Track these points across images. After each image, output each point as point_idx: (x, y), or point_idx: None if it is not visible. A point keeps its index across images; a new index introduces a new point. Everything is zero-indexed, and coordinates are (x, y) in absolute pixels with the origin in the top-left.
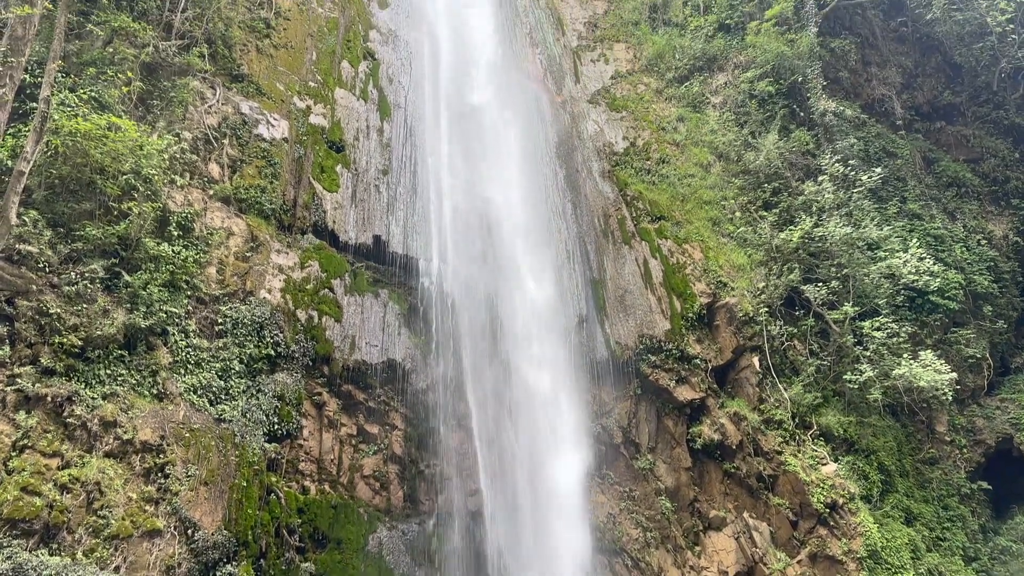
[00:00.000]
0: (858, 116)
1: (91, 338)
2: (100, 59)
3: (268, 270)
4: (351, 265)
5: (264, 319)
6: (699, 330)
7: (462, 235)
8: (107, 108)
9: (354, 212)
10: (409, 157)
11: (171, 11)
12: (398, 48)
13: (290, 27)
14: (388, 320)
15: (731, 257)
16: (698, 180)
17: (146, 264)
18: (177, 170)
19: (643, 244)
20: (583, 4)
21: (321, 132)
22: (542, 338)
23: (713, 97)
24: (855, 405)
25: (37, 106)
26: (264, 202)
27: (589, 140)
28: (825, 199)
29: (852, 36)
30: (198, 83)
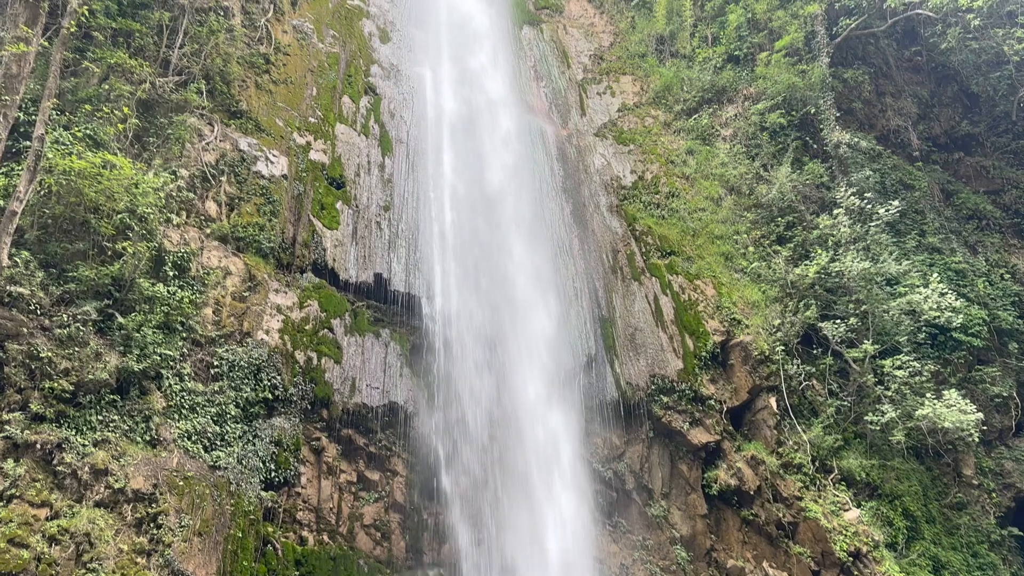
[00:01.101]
0: (873, 147)
1: (83, 383)
2: (96, 96)
3: (266, 310)
4: (351, 304)
5: (261, 361)
6: (713, 370)
7: (466, 272)
8: (102, 146)
9: (355, 250)
10: (411, 193)
11: (168, 47)
12: (400, 83)
13: (290, 62)
14: (390, 361)
15: (745, 293)
16: (709, 214)
17: (140, 305)
18: (173, 208)
19: (653, 280)
20: (588, 37)
21: (321, 168)
22: (549, 379)
23: (723, 129)
24: (877, 447)
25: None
26: (262, 240)
27: (596, 174)
28: (841, 233)
29: (865, 66)
30: (195, 120)
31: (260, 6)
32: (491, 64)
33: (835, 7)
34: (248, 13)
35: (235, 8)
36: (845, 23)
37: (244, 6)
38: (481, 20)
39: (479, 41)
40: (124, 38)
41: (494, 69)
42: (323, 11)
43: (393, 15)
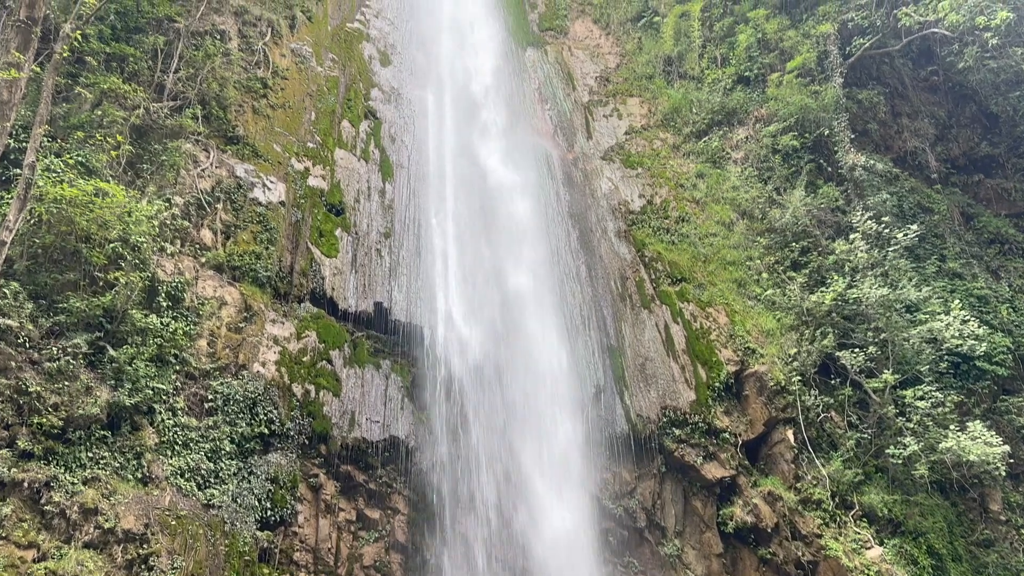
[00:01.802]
0: (890, 170)
1: (72, 418)
2: (88, 122)
3: (262, 342)
4: (351, 335)
5: (257, 395)
6: (727, 401)
7: (469, 301)
8: (94, 173)
9: (354, 278)
10: (412, 219)
11: (163, 71)
12: (401, 106)
13: (288, 87)
14: (390, 394)
15: (759, 321)
16: (721, 239)
17: (132, 337)
18: (167, 237)
19: (664, 308)
20: (594, 58)
21: (320, 195)
22: (556, 411)
23: (734, 152)
24: (900, 482)
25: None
26: (259, 269)
27: (603, 198)
28: (858, 258)
29: (880, 86)
30: (191, 146)
31: (257, 29)
32: (494, 87)
33: (848, 27)
34: (245, 36)
35: (232, 31)
36: (859, 43)
37: (241, 29)
38: (484, 42)
39: (482, 63)
40: (118, 63)
41: (497, 92)
42: (322, 34)
43: (394, 38)
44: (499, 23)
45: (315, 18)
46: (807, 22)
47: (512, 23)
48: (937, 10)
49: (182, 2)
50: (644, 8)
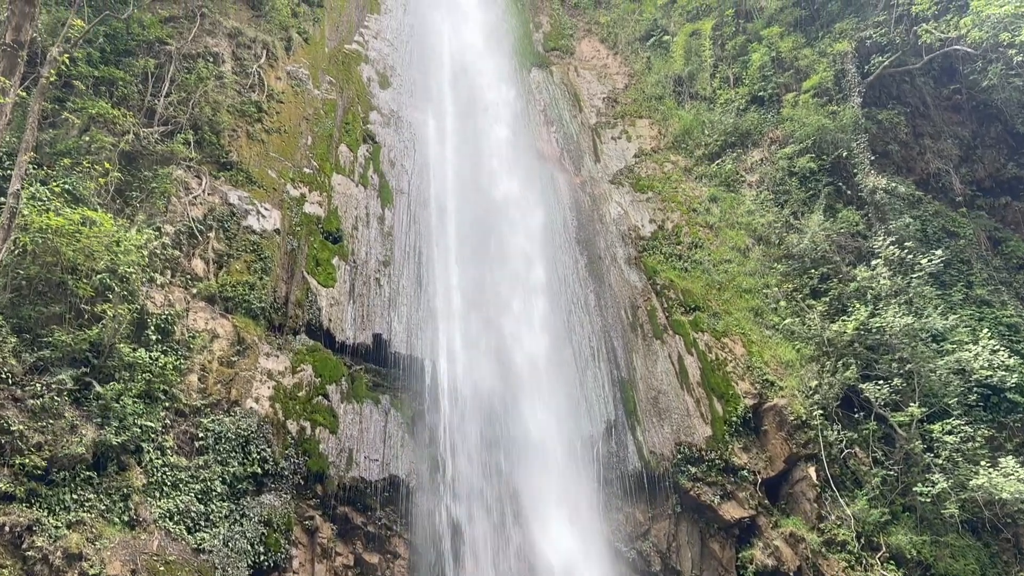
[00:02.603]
0: (912, 193)
1: (56, 458)
2: (75, 149)
3: (256, 376)
4: (349, 368)
5: (250, 432)
6: (745, 436)
7: (472, 332)
8: (82, 201)
9: (352, 309)
10: (413, 247)
11: (154, 96)
12: (401, 130)
13: (284, 110)
14: (390, 430)
15: (777, 352)
16: (736, 266)
17: (120, 373)
18: (157, 267)
19: (677, 338)
20: (601, 79)
21: (317, 222)
22: (564, 448)
23: (748, 175)
24: (929, 522)
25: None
26: (253, 300)
27: (612, 224)
28: (880, 285)
29: (901, 106)
30: (182, 172)
31: (252, 52)
32: (498, 109)
33: (866, 44)
34: (239, 59)
35: (225, 54)
36: (877, 61)
37: (235, 52)
38: (487, 63)
39: (485, 84)
40: (107, 87)
41: (501, 114)
42: (319, 56)
43: (393, 59)
44: (502, 43)
45: (312, 40)
46: (823, 40)
47: (516, 43)
48: (959, 26)
49: (174, 24)
50: (653, 27)
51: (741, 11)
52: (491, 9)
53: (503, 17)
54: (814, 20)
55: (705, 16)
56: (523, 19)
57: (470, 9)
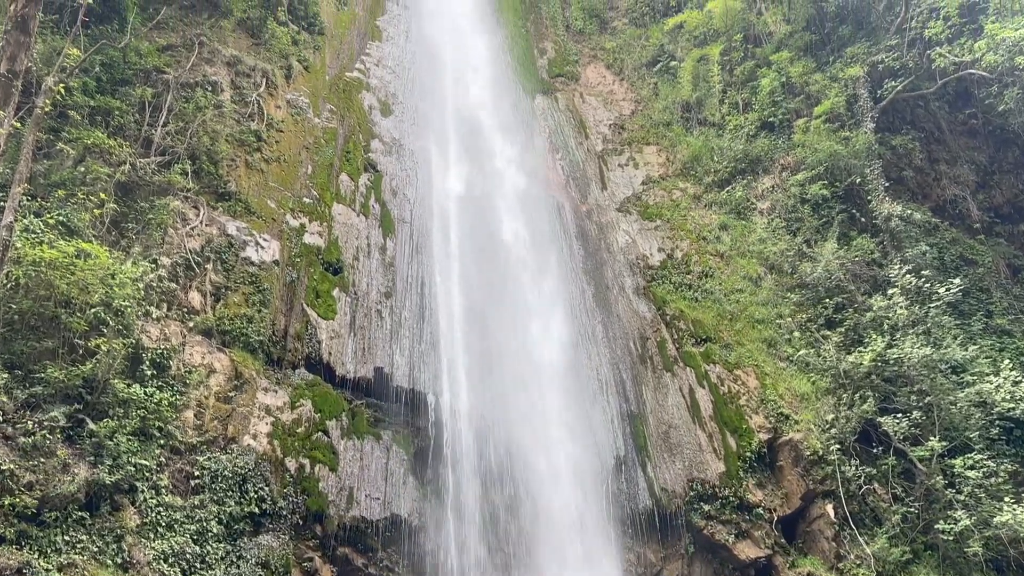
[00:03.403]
0: (928, 220)
1: (48, 498)
2: (70, 180)
3: (254, 412)
4: (349, 403)
5: (248, 470)
6: (759, 472)
7: (477, 365)
8: (76, 233)
9: (353, 342)
10: (415, 277)
11: (151, 125)
12: (403, 158)
13: (283, 139)
14: (392, 468)
15: (792, 384)
16: (748, 296)
17: (114, 409)
18: (153, 301)
19: (688, 371)
20: (607, 105)
21: (317, 252)
22: (572, 485)
23: (759, 202)
24: (952, 561)
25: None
26: (251, 334)
27: (620, 253)
28: (897, 315)
29: (915, 131)
30: (179, 203)
31: (252, 80)
32: (502, 136)
33: (878, 69)
34: (238, 88)
35: (224, 83)
36: (890, 86)
37: (234, 80)
38: (490, 90)
39: (488, 112)
40: (103, 117)
41: (505, 141)
42: (319, 84)
43: (395, 87)
44: (506, 69)
45: (312, 67)
46: (834, 65)
47: (520, 69)
48: (973, 50)
49: (172, 52)
50: (660, 52)
51: (750, 36)
52: (494, 36)
53: (506, 44)
54: (824, 45)
55: (713, 41)
56: (527, 45)
57: (473, 36)
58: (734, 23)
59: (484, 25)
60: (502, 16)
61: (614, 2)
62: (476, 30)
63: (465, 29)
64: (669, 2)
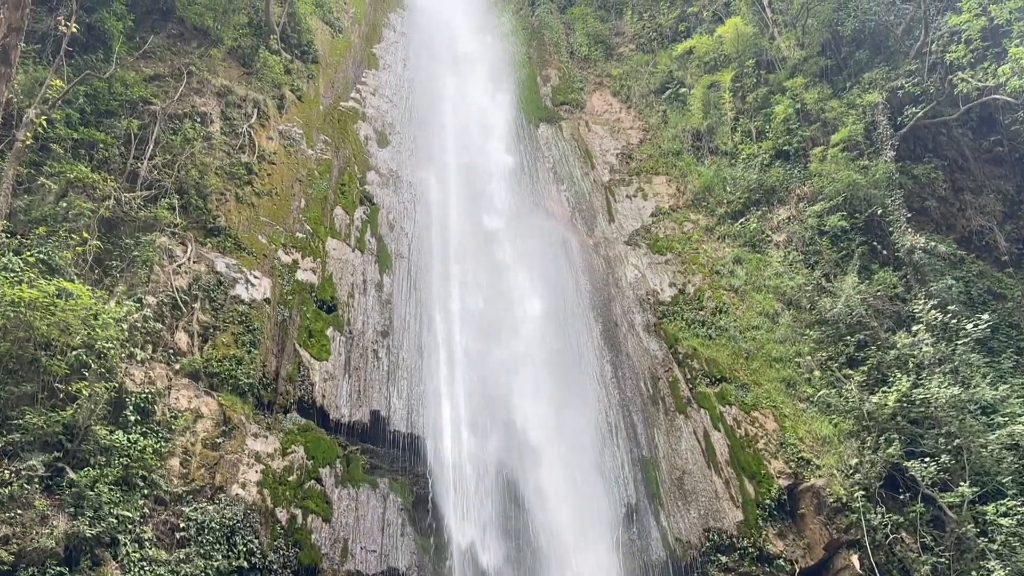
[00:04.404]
0: (954, 252)
1: (25, 552)
2: (52, 216)
3: (243, 459)
4: (344, 449)
5: (236, 522)
6: (780, 521)
7: (479, 408)
8: (57, 272)
9: (347, 384)
10: (414, 315)
11: (137, 158)
12: (400, 190)
13: (275, 171)
14: (389, 518)
15: (813, 427)
16: (764, 333)
17: (95, 457)
18: (138, 342)
19: (702, 412)
20: (614, 134)
21: (310, 290)
22: (580, 536)
23: (775, 235)
24: None
25: None
26: (240, 376)
27: (629, 288)
28: (923, 353)
29: (937, 159)
30: (166, 239)
31: (243, 111)
32: (504, 167)
33: (898, 95)
34: (229, 119)
35: (214, 114)
36: (911, 112)
37: (224, 111)
38: (491, 118)
39: (489, 141)
40: (86, 150)
41: (507, 172)
42: (313, 114)
43: (392, 116)
44: (508, 97)
45: (306, 97)
46: (851, 91)
47: (522, 97)
48: (997, 75)
49: (159, 83)
50: (668, 79)
51: (762, 62)
52: (496, 63)
53: (509, 71)
54: (841, 70)
55: (724, 67)
56: (530, 72)
57: (474, 63)
58: (746, 48)
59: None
60: (503, 43)
61: (620, 27)
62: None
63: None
64: (677, 27)
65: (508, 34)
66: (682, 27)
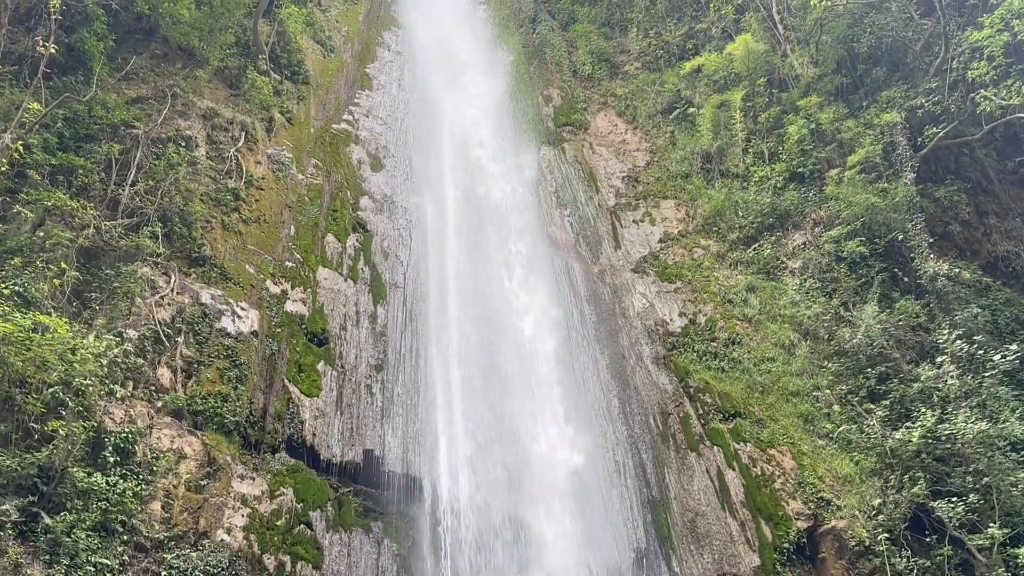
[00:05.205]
0: (979, 279)
1: None
2: (28, 246)
3: (228, 503)
4: (335, 491)
5: (221, 569)
6: (799, 565)
7: (478, 447)
8: (33, 304)
9: (339, 421)
10: (409, 348)
11: (118, 185)
12: (395, 216)
13: (264, 197)
14: (384, 564)
15: (833, 465)
16: (780, 365)
17: (72, 501)
18: (117, 378)
19: (715, 450)
20: (620, 156)
21: (300, 322)
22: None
23: (790, 261)
24: None
25: None
26: (226, 414)
27: (636, 318)
28: (948, 386)
29: (960, 181)
30: (148, 269)
31: (229, 134)
32: (503, 190)
33: (917, 114)
34: (215, 143)
35: (199, 137)
36: (931, 132)
37: (210, 135)
38: (490, 141)
39: (488, 165)
40: (65, 176)
41: (507, 196)
42: (303, 137)
43: (387, 139)
44: (507, 118)
45: (296, 119)
46: (868, 110)
47: (523, 118)
48: (1022, 92)
49: (142, 105)
50: (676, 99)
51: (774, 80)
52: (495, 82)
53: (509, 90)
54: (857, 88)
55: (734, 86)
56: (531, 92)
57: (472, 82)
58: (757, 66)
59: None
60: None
61: (625, 45)
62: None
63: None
64: (685, 45)
65: (507, 53)
66: (690, 44)
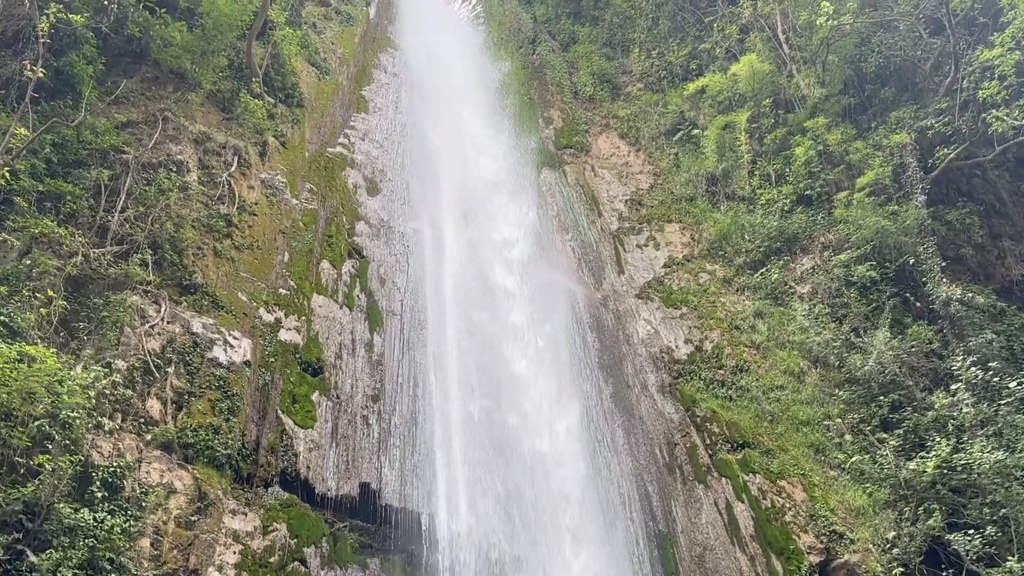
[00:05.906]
0: (993, 304)
1: None
2: (14, 274)
3: (219, 539)
4: (331, 526)
5: None
6: None
7: (479, 480)
8: (19, 335)
9: (335, 454)
10: (407, 377)
11: (107, 211)
12: (392, 242)
13: (256, 223)
14: None
15: (845, 496)
16: (790, 393)
17: (58, 538)
18: (106, 411)
19: (724, 482)
20: (622, 179)
21: (294, 351)
22: None
23: (798, 286)
24: None
25: None
26: (217, 447)
27: (641, 345)
28: (963, 415)
29: (972, 204)
30: (138, 298)
31: (222, 159)
32: (504, 216)
33: (927, 135)
34: (207, 167)
35: (191, 162)
36: (942, 153)
37: (202, 159)
38: (490, 164)
39: (488, 188)
40: (52, 202)
41: (507, 221)
42: (298, 161)
43: (383, 162)
44: (507, 141)
45: (290, 143)
46: (877, 131)
47: (523, 140)
48: None
49: (132, 130)
50: (680, 120)
51: (780, 101)
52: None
53: (508, 113)
54: (865, 109)
55: (739, 107)
56: (531, 114)
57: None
58: (762, 87)
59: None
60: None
61: (627, 66)
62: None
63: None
64: (688, 65)
65: (507, 74)
66: (693, 65)
